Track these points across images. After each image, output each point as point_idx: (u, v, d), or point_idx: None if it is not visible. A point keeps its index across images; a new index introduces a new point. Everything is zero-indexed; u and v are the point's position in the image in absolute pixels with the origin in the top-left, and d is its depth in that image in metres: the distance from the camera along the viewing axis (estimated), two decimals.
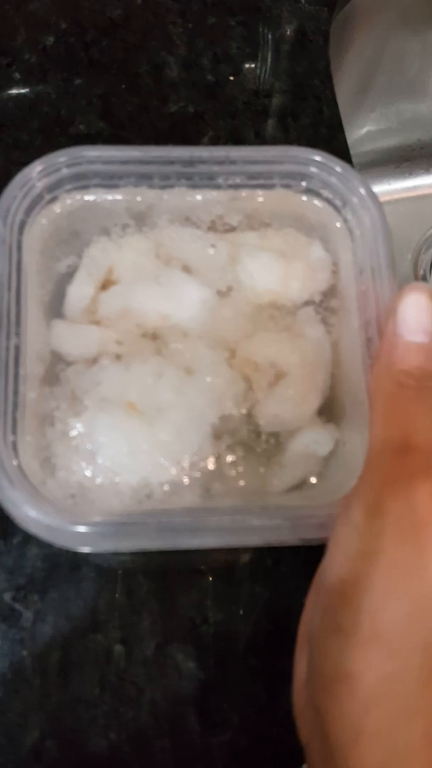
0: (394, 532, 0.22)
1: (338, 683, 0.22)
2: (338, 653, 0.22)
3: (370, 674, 0.21)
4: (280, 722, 0.35)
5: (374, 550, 0.22)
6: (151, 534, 0.26)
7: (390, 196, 0.71)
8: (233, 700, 0.35)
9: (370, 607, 0.22)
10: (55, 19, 0.48)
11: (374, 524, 0.22)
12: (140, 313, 0.31)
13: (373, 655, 0.21)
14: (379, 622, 0.21)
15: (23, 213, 0.31)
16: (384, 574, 0.22)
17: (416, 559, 0.22)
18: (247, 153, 0.32)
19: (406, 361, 0.24)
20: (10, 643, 0.35)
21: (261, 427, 0.30)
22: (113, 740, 0.34)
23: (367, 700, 0.21)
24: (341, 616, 0.22)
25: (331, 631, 0.23)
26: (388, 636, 0.21)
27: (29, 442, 0.29)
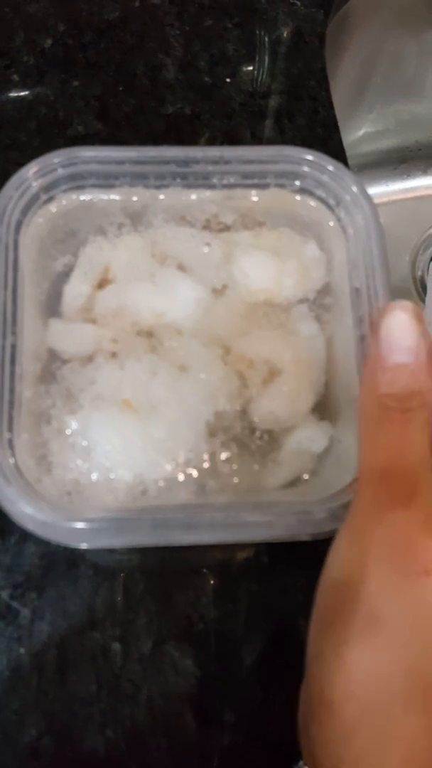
0: (377, 562, 0.22)
1: (322, 709, 0.22)
2: (322, 680, 0.22)
3: (351, 703, 0.22)
4: (275, 720, 0.35)
5: (358, 579, 0.22)
6: (146, 530, 0.26)
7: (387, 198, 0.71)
8: (229, 697, 0.35)
9: (351, 636, 0.22)
10: (53, 21, 0.48)
11: (358, 553, 0.23)
12: (135, 312, 0.31)
13: (355, 683, 0.22)
14: (362, 651, 0.22)
15: (20, 213, 0.31)
16: (366, 604, 0.22)
17: (400, 590, 0.22)
18: (241, 153, 0.32)
19: (388, 382, 0.24)
20: (8, 641, 0.35)
21: (255, 424, 0.30)
22: (110, 737, 0.34)
23: (347, 728, 0.21)
24: (326, 644, 0.22)
25: (317, 657, 0.23)
26: (370, 665, 0.22)
27: (25, 440, 0.29)
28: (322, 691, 0.22)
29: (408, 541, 0.22)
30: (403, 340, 0.24)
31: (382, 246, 0.30)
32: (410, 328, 0.24)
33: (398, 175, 0.72)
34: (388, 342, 0.24)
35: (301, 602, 0.36)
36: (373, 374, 0.24)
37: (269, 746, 0.35)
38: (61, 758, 0.34)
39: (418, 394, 0.24)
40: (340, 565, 0.23)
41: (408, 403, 0.24)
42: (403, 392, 0.24)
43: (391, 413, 0.24)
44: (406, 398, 0.24)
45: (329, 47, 0.50)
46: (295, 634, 0.36)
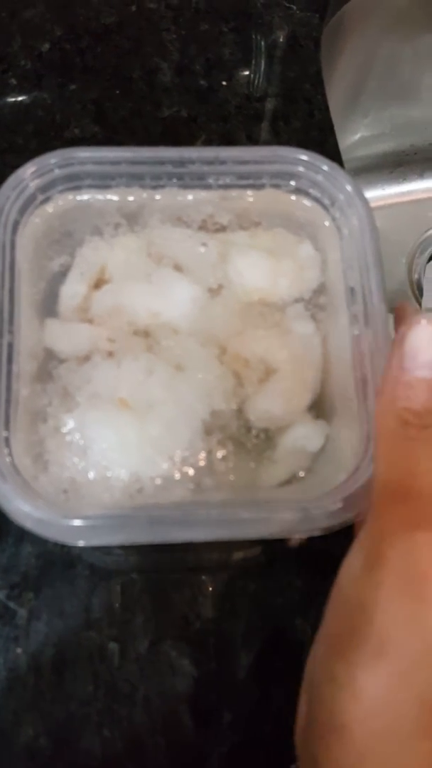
0: (392, 586, 0.22)
1: (331, 734, 0.22)
2: (332, 704, 0.22)
3: (363, 728, 0.21)
4: (272, 719, 0.35)
5: (371, 603, 0.22)
6: (142, 527, 0.26)
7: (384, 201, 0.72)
8: (226, 697, 0.35)
9: (364, 662, 0.22)
10: (50, 26, 0.49)
11: (372, 576, 0.22)
12: (132, 311, 0.31)
13: (366, 709, 0.21)
14: (373, 677, 0.21)
15: (16, 213, 0.31)
16: (379, 629, 0.22)
17: (414, 615, 0.22)
18: (236, 153, 0.32)
19: (410, 397, 0.23)
20: (4, 641, 0.35)
21: (251, 422, 0.30)
22: (107, 737, 0.34)
23: (358, 754, 0.21)
24: (337, 668, 0.22)
25: (327, 681, 0.22)
26: (382, 691, 0.21)
27: (22, 439, 0.29)
28: (332, 715, 0.22)
29: (424, 566, 0.22)
30: (429, 354, 0.24)
31: (377, 245, 0.30)
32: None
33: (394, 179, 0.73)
34: (413, 356, 0.24)
35: (298, 601, 0.36)
36: (394, 387, 0.24)
37: (267, 746, 0.35)
38: (58, 758, 0.34)
39: None
40: (352, 585, 0.23)
41: (429, 419, 0.23)
42: (425, 408, 0.23)
43: (411, 429, 0.23)
44: (428, 414, 0.23)
45: (325, 52, 0.51)
46: (292, 634, 0.36)
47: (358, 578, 0.23)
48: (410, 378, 0.24)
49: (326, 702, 0.22)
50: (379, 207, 0.71)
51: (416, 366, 0.24)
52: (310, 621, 0.36)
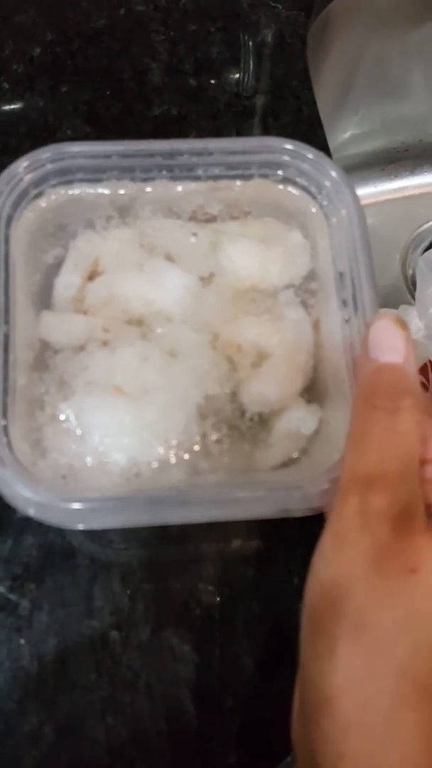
0: (360, 564, 0.23)
1: (319, 709, 0.22)
2: (318, 679, 0.22)
3: (347, 700, 0.22)
4: (274, 703, 0.35)
5: (344, 580, 0.23)
6: (140, 508, 0.27)
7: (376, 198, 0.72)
8: (228, 682, 0.36)
9: (343, 635, 0.22)
10: (41, 31, 0.49)
11: (343, 555, 0.23)
12: (125, 301, 0.32)
13: (349, 680, 0.22)
14: (353, 648, 0.22)
15: (10, 207, 0.32)
16: (356, 602, 0.22)
17: (387, 588, 0.22)
18: (224, 144, 0.33)
19: (377, 381, 0.25)
20: (7, 632, 0.36)
21: (245, 406, 0.31)
22: (110, 725, 0.35)
23: (344, 726, 0.22)
24: (318, 644, 0.23)
25: (311, 659, 0.23)
26: (362, 661, 0.22)
27: (20, 426, 0.29)
28: (317, 689, 0.22)
29: (388, 543, 0.23)
30: (390, 341, 0.25)
31: (364, 230, 0.31)
32: (396, 332, 0.25)
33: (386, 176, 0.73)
34: (376, 344, 0.25)
35: (296, 586, 0.37)
36: (362, 376, 0.25)
37: (268, 729, 0.35)
38: (62, 747, 0.34)
39: (409, 393, 0.24)
40: (326, 566, 0.24)
41: (397, 402, 0.24)
42: (393, 390, 0.24)
43: (379, 413, 0.24)
44: (396, 397, 0.24)
45: (312, 51, 0.52)
46: (291, 619, 0.36)
47: (330, 559, 0.24)
48: (377, 365, 0.25)
49: (312, 679, 0.23)
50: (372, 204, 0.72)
51: (380, 353, 0.25)
52: None
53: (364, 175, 0.72)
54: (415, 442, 0.24)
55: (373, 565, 0.23)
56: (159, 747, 0.35)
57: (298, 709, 0.25)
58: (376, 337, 0.25)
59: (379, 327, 0.26)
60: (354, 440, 0.25)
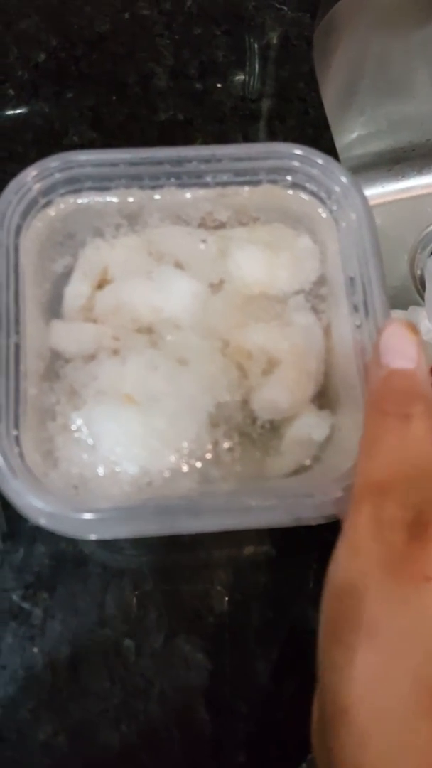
0: (374, 573, 0.22)
1: (336, 719, 0.22)
2: (335, 689, 0.22)
3: (364, 709, 0.22)
4: (287, 710, 0.35)
5: (359, 589, 0.23)
6: (152, 518, 0.27)
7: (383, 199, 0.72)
8: (241, 689, 0.35)
9: (359, 644, 0.22)
10: (45, 36, 0.49)
11: (358, 564, 0.23)
12: (134, 309, 0.32)
13: (365, 690, 0.22)
14: (368, 657, 0.22)
15: (19, 217, 0.32)
16: (370, 611, 0.22)
17: (400, 595, 0.22)
18: (232, 151, 0.33)
19: (388, 387, 0.25)
20: (20, 641, 0.36)
21: (256, 413, 0.31)
22: (124, 733, 0.35)
23: (362, 735, 0.22)
24: (335, 654, 0.23)
25: (329, 669, 0.23)
26: (378, 670, 0.22)
27: (31, 436, 0.29)
28: (335, 699, 0.22)
29: (402, 550, 0.23)
30: (401, 347, 0.25)
31: (375, 235, 0.31)
32: (407, 337, 0.25)
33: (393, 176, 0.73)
34: (387, 350, 0.25)
35: (310, 593, 0.37)
36: (373, 382, 0.25)
37: (283, 736, 0.35)
38: (76, 755, 0.34)
39: (421, 399, 0.24)
40: (341, 575, 0.24)
41: (409, 408, 0.24)
42: (404, 397, 0.24)
43: (390, 420, 0.24)
44: (408, 403, 0.24)
45: (317, 51, 0.51)
46: (304, 625, 0.36)
47: (345, 568, 0.23)
48: (388, 371, 0.25)
49: (330, 688, 0.23)
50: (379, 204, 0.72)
51: (391, 359, 0.25)
52: None
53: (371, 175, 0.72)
54: (428, 448, 0.24)
55: (387, 572, 0.22)
56: (173, 754, 0.34)
57: (317, 720, 0.25)
58: (388, 343, 0.25)
59: (391, 332, 0.25)
60: (366, 447, 0.25)
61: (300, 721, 0.35)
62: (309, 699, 0.35)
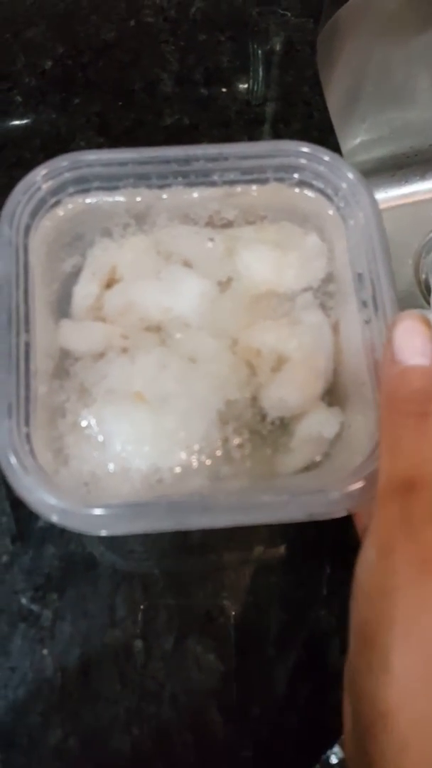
0: (406, 571, 0.22)
1: (375, 724, 0.22)
2: (373, 694, 0.22)
3: (404, 713, 0.21)
4: (300, 712, 0.35)
5: (390, 589, 0.22)
6: (162, 514, 0.27)
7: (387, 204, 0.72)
8: (253, 691, 0.35)
9: (395, 645, 0.22)
10: (52, 44, 0.50)
11: (388, 564, 0.23)
12: (143, 308, 0.32)
13: (406, 693, 0.21)
14: (406, 659, 0.21)
15: (28, 217, 0.32)
16: (404, 610, 0.22)
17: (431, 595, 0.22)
18: (239, 149, 0.33)
19: (405, 386, 0.24)
20: (30, 643, 0.36)
21: (266, 411, 0.31)
22: (135, 736, 0.34)
23: (402, 741, 0.21)
24: (370, 657, 0.22)
25: (364, 673, 0.23)
26: (417, 672, 0.21)
27: (42, 434, 0.29)
28: (372, 704, 0.22)
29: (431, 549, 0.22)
30: (416, 343, 0.25)
31: (382, 231, 0.31)
32: (422, 333, 0.25)
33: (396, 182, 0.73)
34: (402, 347, 0.25)
35: (321, 593, 0.36)
36: (389, 381, 0.25)
37: (295, 739, 0.35)
38: (87, 759, 0.34)
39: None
40: (371, 577, 0.23)
41: (428, 406, 0.24)
42: (423, 395, 0.24)
43: (410, 419, 0.24)
44: (426, 401, 0.24)
45: (320, 57, 0.52)
46: (316, 626, 0.36)
47: (374, 569, 0.23)
48: (402, 368, 0.25)
49: (366, 693, 0.22)
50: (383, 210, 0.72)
51: (407, 356, 0.25)
52: (334, 613, 0.36)
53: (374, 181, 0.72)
54: None
55: (420, 570, 0.22)
56: (184, 757, 0.34)
57: (350, 727, 0.24)
58: (401, 339, 0.25)
59: (405, 328, 0.25)
60: (387, 447, 0.24)
61: (313, 723, 0.35)
62: (322, 702, 0.35)
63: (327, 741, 0.34)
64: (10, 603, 0.36)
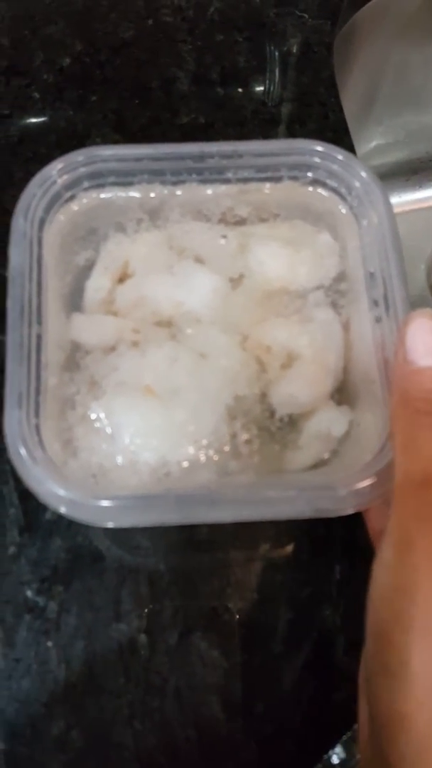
0: (426, 567, 0.22)
1: (393, 725, 0.21)
2: (390, 695, 0.22)
3: (423, 714, 0.21)
4: (303, 710, 0.35)
5: (409, 586, 0.22)
6: (170, 507, 0.27)
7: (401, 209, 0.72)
8: (257, 688, 0.35)
9: (413, 644, 0.21)
10: (71, 41, 0.50)
11: (406, 562, 0.22)
12: (155, 302, 0.32)
13: (424, 693, 0.21)
14: (425, 657, 0.21)
15: (43, 210, 0.32)
16: (424, 608, 0.21)
17: None
18: (254, 147, 0.33)
19: (419, 386, 0.24)
20: (35, 635, 0.36)
21: (275, 407, 0.31)
22: (138, 730, 0.34)
23: (421, 743, 0.21)
24: (388, 657, 0.22)
25: (382, 673, 0.22)
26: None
27: (51, 426, 0.29)
28: (390, 705, 0.22)
29: None
30: (428, 343, 0.25)
31: (395, 230, 0.31)
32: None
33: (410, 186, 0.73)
34: (414, 347, 0.25)
35: (327, 591, 0.36)
36: (402, 380, 0.25)
37: (298, 736, 0.34)
38: (89, 751, 0.34)
39: None
40: (388, 575, 0.23)
41: None
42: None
43: (425, 417, 0.24)
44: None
45: (337, 60, 0.52)
46: (321, 623, 0.36)
47: (393, 567, 0.23)
48: (415, 368, 0.25)
49: (384, 694, 0.22)
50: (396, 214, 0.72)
51: (419, 356, 0.25)
52: (339, 611, 0.36)
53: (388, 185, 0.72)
54: None
55: None
56: (187, 753, 0.34)
57: (367, 732, 0.24)
58: (414, 339, 0.25)
59: (416, 327, 0.25)
60: (403, 445, 0.24)
61: (316, 721, 0.35)
62: (326, 701, 0.35)
63: (330, 740, 0.34)
64: (16, 594, 0.36)
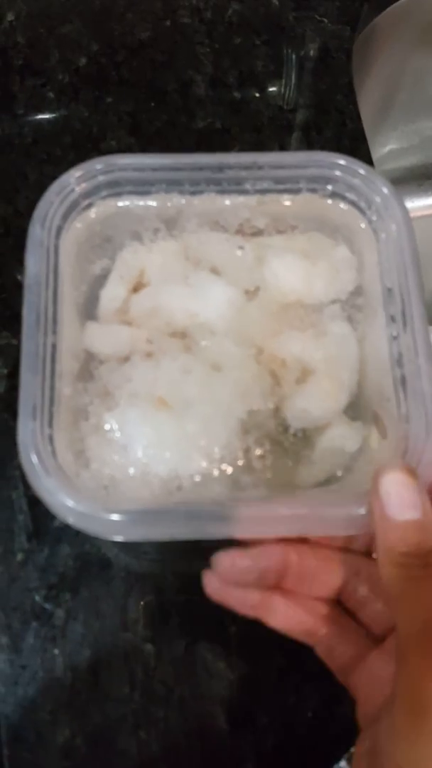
0: None
1: None
2: None
3: None
4: (308, 722, 0.35)
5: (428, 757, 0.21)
6: (180, 522, 0.27)
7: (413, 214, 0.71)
8: (262, 699, 0.35)
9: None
10: (87, 41, 0.50)
11: (423, 727, 0.21)
12: (169, 313, 0.32)
13: None
14: None
15: (60, 218, 0.32)
16: None
17: None
18: (273, 159, 0.33)
19: (402, 540, 0.24)
20: (42, 642, 0.36)
21: (289, 422, 0.31)
22: (142, 739, 0.34)
23: None
24: None
25: None
26: None
27: (64, 436, 0.29)
28: None
29: None
30: (403, 497, 0.25)
31: (414, 246, 0.31)
32: (408, 485, 0.25)
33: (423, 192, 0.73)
34: (389, 501, 0.25)
35: None
36: (385, 537, 0.25)
37: (303, 749, 0.34)
38: (94, 759, 0.34)
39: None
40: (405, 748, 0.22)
41: (429, 559, 0.24)
42: (420, 549, 0.24)
43: (415, 571, 0.24)
44: (426, 555, 0.24)
45: (356, 64, 0.52)
46: None
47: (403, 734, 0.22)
48: (396, 522, 0.24)
49: None
50: None
51: (397, 512, 0.25)
52: None
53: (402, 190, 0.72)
54: None
55: None
56: (191, 763, 0.34)
57: None
58: (389, 494, 0.25)
59: (390, 482, 0.25)
60: (400, 601, 0.24)
61: (320, 733, 0.35)
62: (330, 714, 0.35)
63: (334, 754, 0.34)
64: (23, 601, 0.36)
